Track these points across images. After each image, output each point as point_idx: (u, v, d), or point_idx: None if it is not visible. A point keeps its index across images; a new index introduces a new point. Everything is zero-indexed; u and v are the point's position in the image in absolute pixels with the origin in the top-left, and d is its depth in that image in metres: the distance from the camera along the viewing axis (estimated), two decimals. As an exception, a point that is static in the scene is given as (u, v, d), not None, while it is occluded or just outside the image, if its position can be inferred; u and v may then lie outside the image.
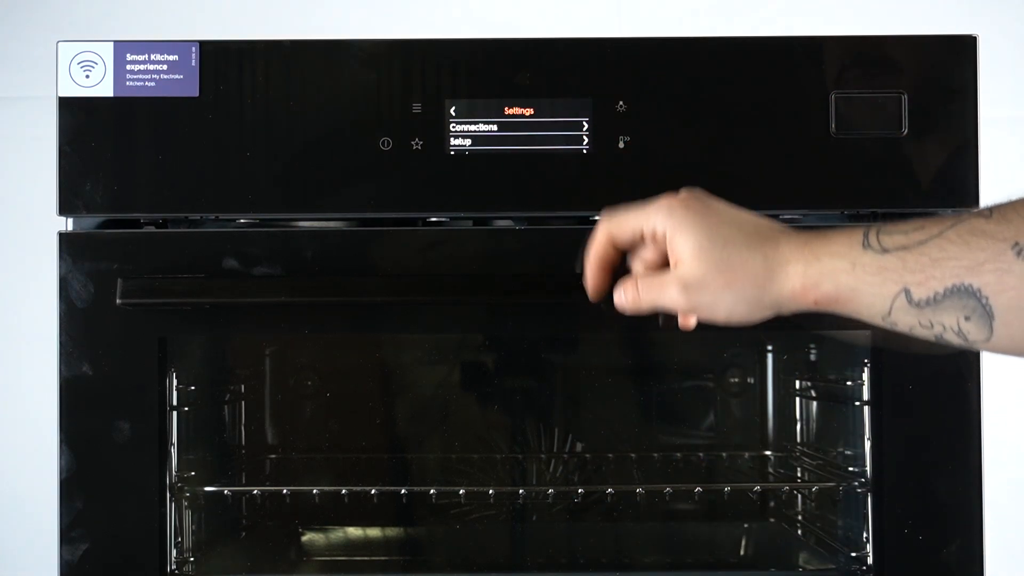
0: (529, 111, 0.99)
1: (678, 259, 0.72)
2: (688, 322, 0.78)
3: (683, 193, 0.74)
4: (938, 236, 0.65)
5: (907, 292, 0.66)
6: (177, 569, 1.02)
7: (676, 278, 0.72)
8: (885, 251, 0.67)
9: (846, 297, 0.68)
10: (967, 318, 0.64)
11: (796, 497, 1.27)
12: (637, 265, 0.76)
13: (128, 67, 0.98)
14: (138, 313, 0.97)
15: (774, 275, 0.70)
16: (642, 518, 1.28)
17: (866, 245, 0.68)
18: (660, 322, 0.78)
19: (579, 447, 1.32)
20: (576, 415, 1.33)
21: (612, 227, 0.75)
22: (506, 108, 0.99)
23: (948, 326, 0.66)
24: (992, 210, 0.64)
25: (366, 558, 1.29)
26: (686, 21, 1.52)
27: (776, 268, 0.70)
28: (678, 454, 1.32)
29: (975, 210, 0.65)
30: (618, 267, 0.77)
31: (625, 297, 0.75)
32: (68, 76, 0.98)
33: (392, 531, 1.28)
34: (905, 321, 0.67)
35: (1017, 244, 0.62)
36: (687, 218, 0.71)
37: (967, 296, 0.64)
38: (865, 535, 1.03)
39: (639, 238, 0.74)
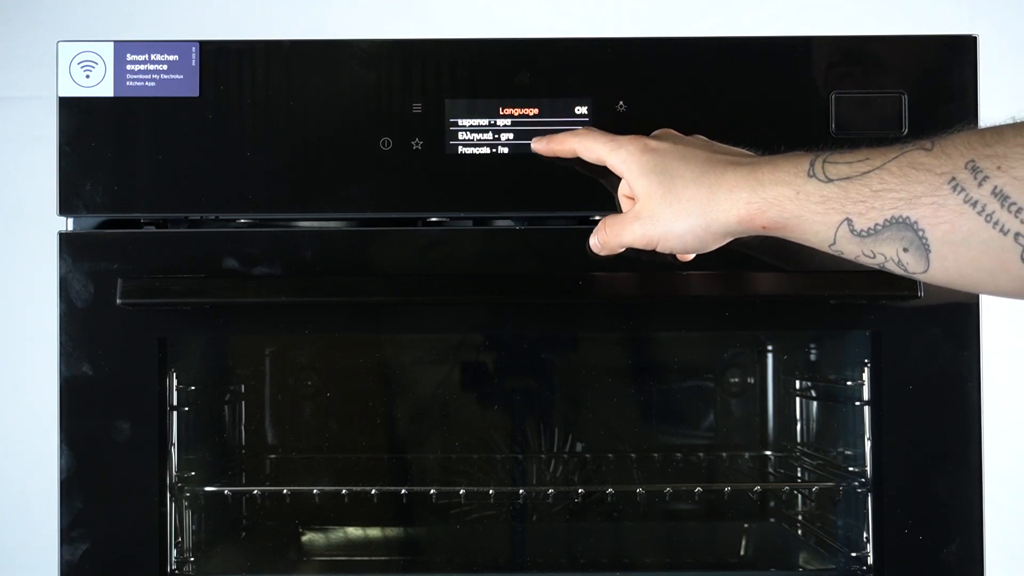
0: (529, 111, 0.99)
1: (636, 198, 0.78)
2: (683, 257, 0.86)
3: (651, 135, 0.81)
4: (880, 168, 0.67)
5: (849, 222, 0.68)
6: (177, 569, 1.03)
7: (634, 215, 0.78)
8: (829, 180, 0.69)
9: (792, 224, 0.71)
10: (905, 249, 0.66)
11: (796, 497, 1.27)
12: (621, 200, 0.84)
13: (128, 67, 0.98)
14: (138, 313, 0.97)
15: (718, 203, 0.74)
16: (642, 518, 1.28)
17: (811, 174, 0.70)
18: (669, 259, 0.85)
19: (579, 447, 1.32)
20: (576, 415, 1.33)
21: (580, 148, 0.84)
22: (506, 108, 0.99)
23: (889, 256, 0.67)
24: (933, 143, 0.66)
25: (366, 558, 1.29)
26: (687, 21, 1.52)
27: (720, 196, 0.73)
28: (678, 454, 1.32)
29: (918, 141, 0.66)
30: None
31: (596, 240, 0.83)
32: (68, 76, 0.98)
33: (392, 531, 1.28)
34: (850, 250, 0.69)
35: (954, 179, 0.63)
36: (641, 161, 0.78)
37: (904, 228, 0.65)
38: (865, 535, 1.03)
39: (600, 165, 0.82)
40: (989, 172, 0.62)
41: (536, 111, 0.99)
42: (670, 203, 0.76)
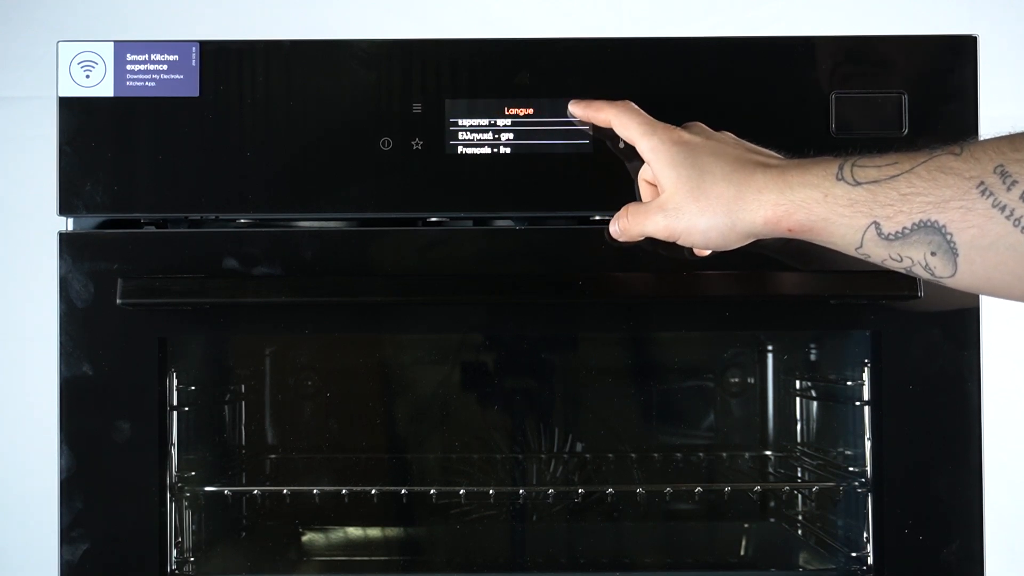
0: (529, 111, 0.99)
1: (662, 189, 0.78)
2: (700, 252, 0.86)
3: (683, 126, 0.82)
4: (909, 172, 0.67)
5: (877, 225, 0.68)
6: (177, 569, 1.02)
7: (658, 206, 0.79)
8: (857, 183, 0.69)
9: (819, 227, 0.71)
10: (933, 253, 0.66)
11: (796, 497, 1.27)
12: (640, 184, 0.85)
13: (128, 67, 0.98)
14: (138, 313, 0.97)
15: (746, 203, 0.74)
16: (642, 518, 1.28)
17: (839, 177, 0.70)
18: (686, 253, 0.86)
19: (579, 447, 1.32)
20: (576, 415, 1.33)
21: (616, 122, 0.84)
22: (506, 108, 0.99)
23: (916, 260, 0.67)
24: (963, 147, 0.66)
25: (366, 558, 1.29)
26: (687, 21, 1.52)
27: (748, 196, 0.74)
28: (678, 454, 1.32)
29: (948, 146, 0.66)
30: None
31: (617, 227, 0.83)
32: (68, 76, 0.98)
33: (392, 531, 1.28)
34: (877, 253, 0.69)
35: (982, 183, 0.63)
36: (672, 152, 0.78)
37: (932, 232, 0.65)
38: (865, 535, 1.03)
39: (628, 146, 0.84)
40: (1018, 177, 0.62)
41: (536, 111, 0.98)
42: (696, 198, 0.76)
